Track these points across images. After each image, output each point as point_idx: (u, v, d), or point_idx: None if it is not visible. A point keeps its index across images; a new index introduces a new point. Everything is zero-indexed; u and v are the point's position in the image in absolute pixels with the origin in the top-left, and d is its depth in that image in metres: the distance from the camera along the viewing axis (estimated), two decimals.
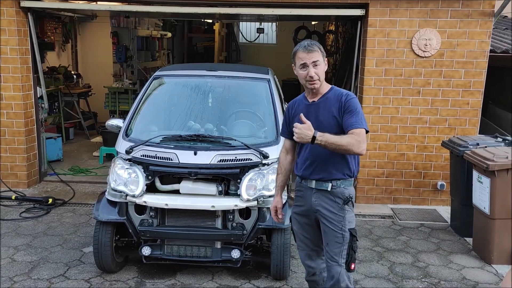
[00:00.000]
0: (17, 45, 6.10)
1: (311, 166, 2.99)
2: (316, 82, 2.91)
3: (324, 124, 2.89)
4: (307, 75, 2.89)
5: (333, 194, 2.96)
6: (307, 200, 3.05)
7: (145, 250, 3.91)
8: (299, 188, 3.13)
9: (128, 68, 9.59)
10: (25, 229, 5.13)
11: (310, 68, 2.88)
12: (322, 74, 2.93)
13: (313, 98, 3.02)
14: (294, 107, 3.12)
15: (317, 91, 2.98)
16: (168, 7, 6.34)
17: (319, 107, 2.97)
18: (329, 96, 2.98)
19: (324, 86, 3.00)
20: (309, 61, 2.87)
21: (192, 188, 3.90)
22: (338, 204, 2.96)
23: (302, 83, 2.99)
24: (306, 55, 2.88)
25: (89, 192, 6.40)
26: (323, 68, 2.94)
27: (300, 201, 3.13)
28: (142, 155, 3.98)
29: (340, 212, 2.95)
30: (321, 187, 2.98)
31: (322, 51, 2.94)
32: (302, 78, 2.94)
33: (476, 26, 5.76)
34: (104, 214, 3.94)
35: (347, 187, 2.99)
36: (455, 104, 5.95)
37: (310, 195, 3.03)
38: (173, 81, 4.94)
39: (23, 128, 6.30)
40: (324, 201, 2.98)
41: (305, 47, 2.89)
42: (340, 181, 2.97)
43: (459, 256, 4.76)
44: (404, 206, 6.16)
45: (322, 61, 2.92)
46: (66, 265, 4.35)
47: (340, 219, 2.94)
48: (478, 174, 4.66)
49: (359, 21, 6.09)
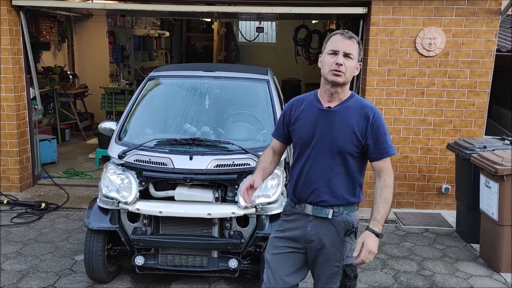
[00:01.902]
0: (9, 45, 5.92)
1: (311, 186, 2.49)
2: (341, 75, 2.37)
3: (338, 138, 2.43)
4: (334, 62, 2.36)
5: (334, 222, 2.47)
6: (301, 228, 2.54)
7: (138, 259, 3.74)
8: (290, 213, 2.61)
9: (125, 68, 9.41)
10: (16, 236, 4.95)
11: (340, 56, 2.36)
12: (350, 72, 2.41)
13: (329, 103, 2.49)
14: (300, 108, 2.58)
15: (335, 93, 2.46)
16: (165, 6, 6.17)
17: (335, 116, 2.46)
18: (350, 106, 2.47)
19: (346, 91, 2.50)
20: (342, 48, 2.37)
21: (188, 195, 3.72)
22: (339, 236, 2.48)
23: (324, 74, 2.43)
24: (342, 41, 2.39)
25: (83, 196, 6.22)
26: (354, 67, 2.42)
27: (289, 226, 2.59)
28: (135, 160, 3.80)
29: (339, 246, 2.48)
30: (320, 214, 2.48)
31: (360, 49, 2.46)
32: (326, 66, 2.40)
33: (482, 25, 5.58)
34: (96, 222, 3.77)
35: (351, 213, 2.51)
36: (460, 105, 5.78)
37: (305, 223, 2.52)
38: (169, 82, 4.76)
39: (15, 130, 6.12)
40: (322, 231, 2.49)
41: (345, 32, 2.42)
42: (343, 207, 2.48)
43: (466, 264, 4.58)
44: (407, 210, 5.98)
45: (356, 59, 2.42)
46: (57, 275, 4.17)
47: (340, 253, 2.48)
48: (485, 178, 4.48)
49: (361, 19, 5.91)
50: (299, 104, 2.60)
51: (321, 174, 2.47)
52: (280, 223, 2.69)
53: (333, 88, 2.44)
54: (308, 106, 2.55)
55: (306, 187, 2.51)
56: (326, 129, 2.46)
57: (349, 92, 2.53)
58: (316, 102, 2.53)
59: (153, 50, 11.09)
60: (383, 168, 2.47)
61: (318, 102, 2.53)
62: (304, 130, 2.52)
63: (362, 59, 5.95)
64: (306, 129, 2.52)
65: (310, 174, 2.50)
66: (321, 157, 2.47)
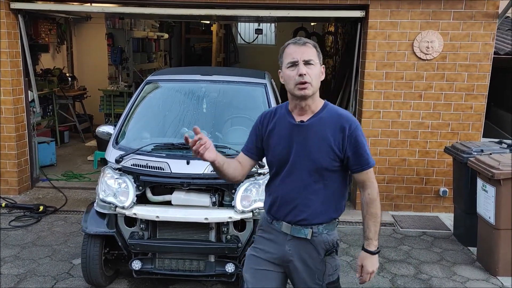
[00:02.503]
0: (7, 48, 5.92)
1: (289, 205, 2.34)
2: (308, 87, 2.21)
3: (315, 155, 2.27)
4: (297, 74, 2.20)
5: (314, 243, 2.33)
6: (278, 247, 2.39)
7: (136, 264, 3.74)
8: (268, 230, 2.44)
9: (124, 70, 9.42)
10: (14, 239, 4.96)
11: (301, 65, 2.21)
12: (316, 80, 2.25)
13: (301, 116, 2.32)
14: (272, 122, 2.39)
15: (306, 106, 2.29)
16: (163, 9, 6.16)
17: (309, 130, 2.29)
18: (324, 117, 2.31)
19: (317, 101, 2.33)
20: (300, 57, 2.21)
21: (185, 199, 3.72)
22: (319, 256, 2.34)
23: (289, 90, 2.27)
24: (298, 50, 2.23)
25: (82, 199, 6.23)
26: (318, 73, 2.26)
27: (267, 246, 2.43)
28: (133, 164, 3.81)
29: (320, 266, 2.35)
30: (299, 234, 2.32)
31: (319, 52, 2.31)
32: (289, 81, 2.24)
33: (479, 28, 5.59)
34: (93, 226, 3.77)
35: (331, 232, 2.37)
36: (458, 108, 5.79)
37: (283, 242, 2.37)
38: (166, 86, 4.76)
39: (13, 133, 6.13)
40: (301, 251, 2.35)
41: (297, 40, 2.27)
42: (323, 226, 2.33)
43: (463, 267, 4.59)
44: (405, 213, 5.99)
45: (318, 63, 2.27)
46: (54, 279, 4.17)
47: (320, 273, 2.35)
48: (482, 182, 4.48)
49: (359, 23, 5.92)
50: (271, 118, 2.41)
51: (299, 192, 2.32)
52: (257, 239, 2.53)
53: (303, 102, 2.28)
54: (281, 121, 2.37)
55: (283, 206, 2.36)
56: (301, 145, 2.30)
57: (321, 101, 2.37)
58: (288, 116, 2.35)
59: (152, 52, 11.10)
60: (366, 180, 2.35)
61: (290, 116, 2.35)
62: (279, 148, 2.35)
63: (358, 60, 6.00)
64: (280, 146, 2.35)
65: (287, 192, 2.35)
66: (298, 174, 2.31)
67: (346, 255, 4.77)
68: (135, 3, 6.18)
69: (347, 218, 5.77)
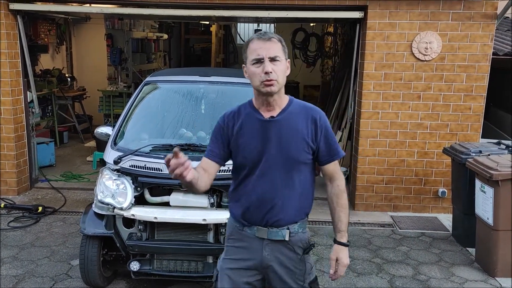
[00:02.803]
0: (6, 49, 5.93)
1: (265, 206, 2.25)
2: (274, 84, 2.14)
3: (290, 149, 2.21)
4: (262, 71, 2.13)
5: (291, 243, 2.29)
6: (254, 254, 2.30)
7: (134, 265, 3.74)
8: (240, 237, 2.33)
9: (123, 71, 9.42)
10: (13, 240, 4.96)
11: (266, 62, 2.13)
12: (282, 77, 2.18)
13: (269, 112, 2.25)
14: (238, 121, 2.29)
15: (273, 101, 2.23)
16: (163, 10, 6.16)
17: (281, 125, 2.23)
18: (293, 111, 2.27)
19: (283, 96, 2.28)
20: (265, 53, 2.14)
21: (183, 200, 3.72)
22: (297, 256, 2.31)
23: (255, 87, 2.20)
24: (263, 45, 2.15)
25: (80, 200, 6.23)
26: (284, 69, 2.20)
27: (240, 254, 2.33)
28: (131, 165, 3.81)
29: (300, 266, 2.33)
30: (276, 237, 2.25)
31: (284, 46, 2.23)
32: (255, 78, 2.16)
33: (478, 29, 5.59)
34: (91, 227, 3.78)
35: (305, 230, 2.36)
36: (457, 109, 5.79)
37: (259, 248, 2.28)
38: (165, 87, 4.76)
39: (12, 134, 6.13)
40: (280, 254, 2.29)
41: (262, 35, 2.19)
42: (298, 225, 2.30)
43: (461, 268, 4.59)
44: (404, 214, 5.99)
45: (284, 59, 2.20)
46: (53, 280, 4.18)
47: (301, 273, 2.33)
48: (481, 183, 4.49)
49: (358, 23, 5.92)
50: (235, 118, 2.31)
51: (276, 190, 2.24)
52: (228, 249, 2.40)
53: (270, 98, 2.22)
54: (248, 119, 2.27)
55: (259, 208, 2.25)
56: (275, 141, 2.23)
57: (286, 96, 2.31)
58: (255, 114, 2.27)
59: (151, 52, 11.09)
60: (334, 171, 2.35)
61: (258, 113, 2.26)
62: (250, 147, 2.26)
63: (357, 61, 6.00)
64: (251, 145, 2.25)
65: (263, 193, 2.24)
66: (274, 172, 2.24)
67: None
68: (134, 4, 6.19)
69: None
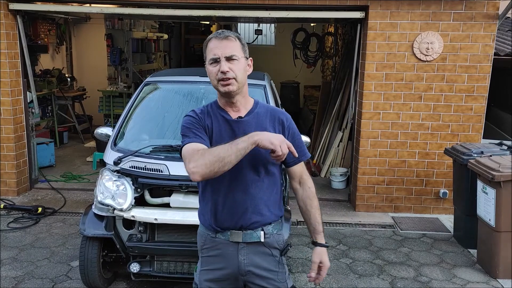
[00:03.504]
0: (6, 49, 5.91)
1: (238, 210, 2.17)
2: (232, 82, 2.09)
3: (260, 150, 2.04)
4: (218, 70, 2.08)
5: (267, 245, 2.22)
6: (230, 260, 2.20)
7: (134, 266, 3.72)
8: (213, 245, 2.23)
9: (123, 71, 9.40)
10: (12, 241, 4.94)
11: (222, 62, 2.08)
12: (241, 75, 2.12)
13: (236, 113, 2.21)
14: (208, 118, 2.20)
15: (237, 102, 2.19)
16: (163, 10, 6.14)
17: (249, 125, 2.17)
18: (260, 113, 2.23)
19: (247, 97, 2.24)
20: (221, 53, 2.08)
21: (183, 202, 3.70)
22: (275, 258, 2.24)
23: (214, 86, 2.17)
24: (219, 44, 2.09)
25: (80, 200, 6.21)
26: (243, 67, 2.13)
27: (215, 263, 2.23)
28: (131, 166, 3.79)
29: (279, 268, 2.26)
30: (251, 239, 2.18)
31: (244, 44, 2.17)
32: (212, 77, 2.13)
33: (479, 29, 5.57)
34: (91, 229, 3.76)
35: (280, 231, 2.29)
36: (458, 109, 5.77)
37: (235, 253, 2.19)
38: (165, 87, 4.74)
39: (12, 134, 6.11)
40: (257, 257, 2.21)
41: (219, 33, 2.13)
42: (272, 226, 2.23)
43: (463, 270, 4.56)
44: (405, 215, 5.97)
45: (243, 58, 2.14)
46: (52, 281, 4.15)
47: (281, 276, 2.27)
48: (482, 184, 4.47)
49: (359, 24, 5.90)
50: (205, 114, 2.22)
51: (247, 193, 2.16)
52: (203, 260, 2.29)
53: (233, 98, 2.17)
54: (216, 118, 2.21)
55: (232, 212, 2.17)
56: None
57: (251, 99, 2.27)
58: (222, 113, 2.21)
59: (151, 52, 11.08)
60: (303, 173, 2.30)
61: (225, 113, 2.21)
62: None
63: (358, 61, 5.97)
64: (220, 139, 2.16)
65: (234, 195, 2.16)
66: (243, 174, 2.15)
67: (345, 257, 4.75)
68: (134, 4, 6.17)
69: (347, 220, 5.76)
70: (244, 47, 2.18)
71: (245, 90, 2.23)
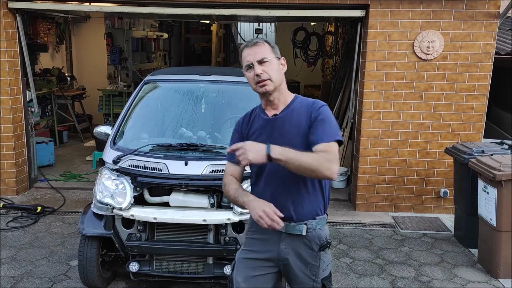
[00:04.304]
0: (5, 48, 5.89)
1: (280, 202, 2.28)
2: (267, 83, 2.26)
3: (292, 143, 2.21)
4: (254, 74, 2.27)
5: (309, 238, 2.34)
6: (272, 246, 2.37)
7: (133, 266, 3.69)
8: (258, 230, 2.37)
9: (123, 70, 9.38)
10: (11, 240, 4.92)
11: (256, 66, 2.27)
12: (275, 75, 2.29)
13: (273, 111, 2.37)
14: (249, 123, 2.44)
15: (275, 99, 2.34)
16: (163, 8, 6.13)
17: (284, 121, 2.32)
18: (295, 107, 2.35)
19: (285, 94, 2.38)
20: (253, 58, 2.27)
21: (183, 201, 3.68)
22: (313, 252, 2.35)
23: (253, 89, 2.35)
24: (250, 51, 2.30)
25: (80, 200, 6.19)
26: (277, 68, 2.31)
27: (259, 246, 2.40)
28: (130, 165, 3.76)
29: (314, 261, 2.36)
30: (294, 231, 2.31)
31: (273, 47, 2.35)
32: (250, 82, 2.33)
33: (480, 28, 5.55)
34: (90, 228, 3.74)
35: (323, 227, 2.40)
36: (459, 108, 5.74)
37: (277, 241, 2.35)
38: (165, 86, 4.72)
39: (11, 133, 6.09)
40: (296, 248, 2.35)
41: (248, 43, 2.34)
42: (316, 221, 2.35)
43: (464, 269, 4.54)
44: (405, 214, 5.95)
45: (274, 59, 2.31)
46: (51, 280, 4.14)
47: (314, 269, 2.36)
48: (484, 183, 4.44)
49: (359, 22, 5.88)
50: (247, 119, 2.47)
51: (286, 189, 2.30)
52: (248, 241, 2.48)
53: (270, 96, 2.33)
54: (256, 120, 2.42)
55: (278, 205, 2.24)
56: (279, 138, 2.28)
57: (291, 95, 2.40)
58: (262, 114, 2.40)
59: (151, 51, 11.06)
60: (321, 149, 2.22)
61: (264, 113, 2.39)
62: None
63: (358, 60, 5.95)
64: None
65: (274, 192, 2.32)
66: (282, 170, 2.21)
67: (346, 257, 4.73)
68: (134, 3, 6.15)
69: (347, 219, 5.74)
70: (273, 48, 2.35)
71: (283, 87, 2.37)
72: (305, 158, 2.12)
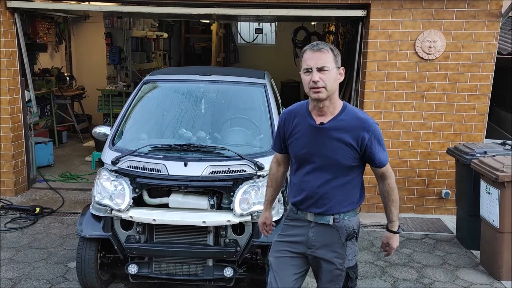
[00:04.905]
0: (4, 47, 5.85)
1: (311, 199, 2.53)
2: (321, 91, 2.35)
3: (335, 155, 2.44)
4: (310, 80, 2.35)
5: (336, 227, 2.52)
6: (302, 233, 2.60)
7: (132, 268, 3.66)
8: (292, 218, 2.67)
9: (122, 70, 9.33)
10: (9, 241, 4.88)
11: (314, 72, 2.35)
12: (331, 84, 2.37)
13: (321, 118, 2.47)
14: (293, 122, 2.57)
15: (324, 107, 2.44)
16: (162, 8, 6.08)
17: (329, 133, 2.44)
18: (343, 119, 2.44)
19: (335, 103, 2.47)
20: (314, 64, 2.35)
21: (182, 202, 3.64)
22: (339, 241, 2.52)
23: (306, 92, 2.45)
24: (312, 56, 2.36)
25: (79, 200, 6.15)
26: (334, 77, 2.38)
27: (292, 231, 2.65)
28: (129, 166, 3.72)
29: (340, 250, 2.53)
30: (321, 220, 2.53)
31: (336, 55, 2.40)
32: (306, 85, 2.41)
33: (482, 28, 5.51)
34: (88, 229, 3.69)
35: (351, 218, 2.55)
36: (461, 109, 5.70)
37: (307, 229, 2.58)
38: (164, 86, 4.68)
39: (10, 133, 6.04)
40: (324, 236, 2.54)
41: (313, 46, 2.38)
42: (344, 213, 2.53)
43: (466, 271, 4.50)
44: (407, 215, 5.91)
45: (334, 68, 2.37)
46: (49, 282, 4.09)
47: (340, 257, 2.53)
48: (486, 184, 4.40)
49: (360, 22, 5.83)
50: (291, 117, 2.60)
51: (320, 187, 2.49)
52: (283, 227, 2.73)
53: (320, 103, 2.44)
54: (301, 121, 2.54)
55: (307, 200, 2.54)
56: (322, 146, 2.46)
57: (340, 103, 2.50)
58: (308, 117, 2.51)
59: (151, 51, 11.01)
60: (385, 172, 2.56)
61: (310, 117, 2.51)
62: (299, 147, 2.54)
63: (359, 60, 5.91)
64: (301, 145, 2.53)
65: (309, 187, 2.52)
66: (319, 172, 2.49)
67: None
68: (133, 2, 6.11)
69: None
70: (336, 57, 2.41)
71: (335, 97, 2.47)
72: (398, 202, 2.60)
